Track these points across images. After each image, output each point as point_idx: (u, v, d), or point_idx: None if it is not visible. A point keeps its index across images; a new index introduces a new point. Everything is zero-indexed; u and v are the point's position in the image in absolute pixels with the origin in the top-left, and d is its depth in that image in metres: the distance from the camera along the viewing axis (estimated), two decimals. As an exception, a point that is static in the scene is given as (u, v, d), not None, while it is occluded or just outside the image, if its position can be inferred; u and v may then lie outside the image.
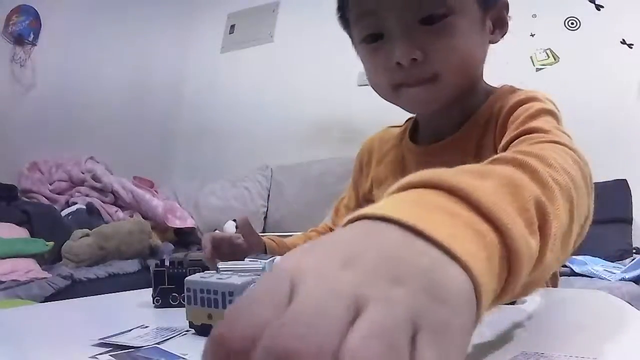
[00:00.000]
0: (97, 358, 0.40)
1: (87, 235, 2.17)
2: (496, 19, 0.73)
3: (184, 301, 0.48)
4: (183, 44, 3.59)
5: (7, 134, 2.56)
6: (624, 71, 2.38)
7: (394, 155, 0.85)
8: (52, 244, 2.08)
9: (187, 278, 0.48)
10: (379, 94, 0.74)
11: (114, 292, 0.81)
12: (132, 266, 2.16)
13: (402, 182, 0.30)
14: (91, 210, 2.50)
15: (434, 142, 0.77)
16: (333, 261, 0.21)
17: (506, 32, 0.74)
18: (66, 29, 2.85)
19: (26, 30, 2.68)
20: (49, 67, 2.77)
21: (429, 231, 0.23)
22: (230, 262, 0.59)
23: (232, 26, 3.55)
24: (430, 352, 0.19)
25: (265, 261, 0.57)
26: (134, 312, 0.62)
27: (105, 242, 2.17)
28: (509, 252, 0.27)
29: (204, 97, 3.50)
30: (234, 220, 0.86)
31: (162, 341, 0.44)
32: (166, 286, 0.62)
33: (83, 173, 2.67)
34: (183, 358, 0.39)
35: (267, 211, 2.94)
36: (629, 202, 2.18)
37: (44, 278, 1.79)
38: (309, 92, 3.08)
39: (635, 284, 1.63)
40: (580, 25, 2.53)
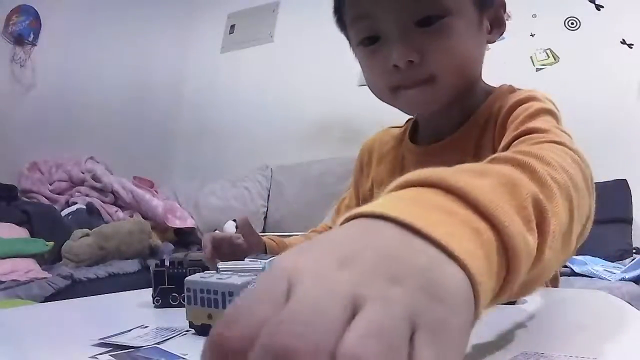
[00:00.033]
0: (97, 358, 0.40)
1: (87, 235, 2.17)
2: (493, 18, 0.72)
3: (184, 301, 0.48)
4: (183, 44, 3.59)
5: (7, 134, 2.56)
6: (624, 71, 2.38)
7: (393, 155, 0.85)
8: (52, 244, 2.08)
9: (187, 278, 0.48)
10: (377, 96, 0.74)
11: (114, 292, 0.81)
12: (132, 266, 2.16)
13: (399, 180, 0.30)
14: (91, 210, 2.50)
15: (433, 142, 0.77)
16: (330, 260, 0.21)
17: (504, 32, 0.74)
18: (66, 29, 2.85)
19: (26, 30, 2.68)
20: (49, 67, 2.77)
21: (427, 229, 0.23)
22: (230, 262, 0.59)
23: (232, 26, 3.55)
24: (428, 351, 0.18)
25: (265, 261, 0.57)
26: (134, 312, 0.62)
27: (105, 242, 2.17)
28: (506, 250, 0.27)
29: (204, 97, 3.50)
30: (234, 220, 0.86)
31: (162, 341, 0.44)
32: (166, 286, 0.62)
33: (83, 173, 2.67)
34: (183, 358, 0.39)
35: (267, 211, 2.94)
36: (629, 202, 2.18)
37: (44, 278, 1.79)
38: (309, 92, 3.08)
39: (635, 284, 1.63)
40: (580, 25, 2.53)
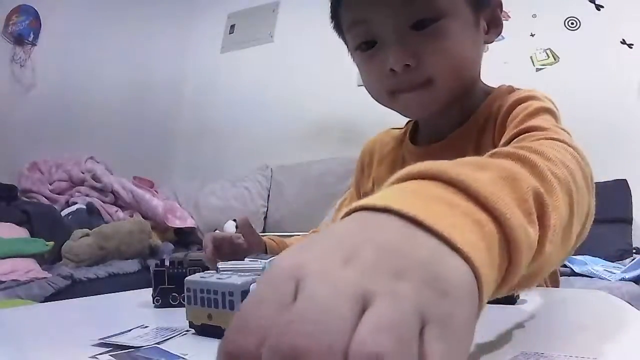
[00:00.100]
0: (97, 358, 0.39)
1: (87, 235, 2.17)
2: (490, 18, 0.72)
3: (184, 301, 0.48)
4: (183, 43, 3.59)
5: (7, 134, 2.56)
6: (624, 71, 2.38)
7: (394, 156, 0.85)
8: (52, 244, 2.08)
9: (187, 278, 0.48)
10: (375, 99, 0.75)
11: (114, 292, 0.81)
12: (132, 266, 2.16)
13: (400, 173, 0.30)
14: (91, 210, 2.50)
15: (433, 143, 0.77)
16: (334, 257, 0.21)
17: (501, 32, 0.74)
18: (66, 29, 2.85)
19: (26, 30, 2.68)
20: (49, 67, 2.77)
21: (429, 221, 0.23)
22: (230, 262, 0.59)
23: (232, 26, 3.55)
24: (438, 344, 0.19)
25: (265, 261, 0.57)
26: (134, 312, 0.62)
27: (105, 242, 2.17)
28: (508, 241, 0.27)
29: (204, 97, 3.50)
30: (234, 220, 0.86)
31: (162, 341, 0.44)
32: (166, 286, 0.62)
33: (83, 173, 2.67)
34: (183, 358, 0.39)
35: (267, 211, 2.94)
36: (629, 202, 2.18)
37: (44, 278, 1.79)
38: (309, 92, 3.08)
39: (635, 284, 1.63)
40: (580, 25, 2.53)
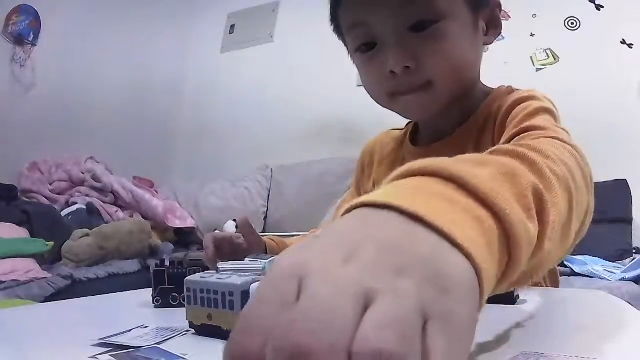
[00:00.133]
0: (97, 358, 0.39)
1: (87, 235, 2.17)
2: (489, 19, 0.72)
3: (184, 301, 0.48)
4: (183, 43, 3.59)
5: (7, 134, 2.56)
6: (624, 71, 2.38)
7: (394, 157, 0.85)
8: (52, 244, 2.08)
9: (187, 278, 0.48)
10: (376, 101, 0.75)
11: (114, 292, 0.81)
12: (132, 266, 2.16)
13: (400, 170, 0.30)
14: (91, 210, 2.50)
15: (433, 143, 0.77)
16: (335, 255, 0.21)
17: (500, 33, 0.74)
18: (66, 29, 2.85)
19: (26, 30, 2.68)
20: (49, 67, 2.77)
21: (430, 218, 0.23)
22: (230, 262, 0.59)
23: (232, 26, 3.55)
24: (440, 340, 0.19)
25: (265, 261, 0.57)
26: (134, 312, 0.62)
27: (105, 242, 2.17)
28: (507, 237, 0.28)
29: (204, 97, 3.50)
30: (234, 220, 0.86)
31: (162, 341, 0.44)
32: (166, 286, 0.62)
33: (83, 173, 2.67)
34: (183, 358, 0.39)
35: (267, 211, 2.94)
36: (629, 202, 2.18)
37: (44, 278, 1.79)
38: (309, 92, 3.08)
39: (635, 284, 1.63)
40: (580, 25, 2.53)
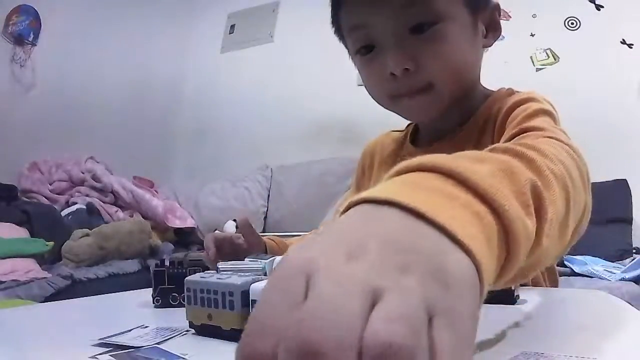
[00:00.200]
0: (97, 358, 0.39)
1: (87, 235, 2.17)
2: (489, 22, 0.73)
3: (184, 301, 0.48)
4: (183, 43, 3.59)
5: (7, 134, 2.56)
6: (624, 71, 2.38)
7: (394, 159, 0.85)
8: (52, 244, 2.08)
9: (187, 278, 0.48)
10: (377, 102, 0.75)
11: (114, 292, 0.81)
12: (132, 266, 2.16)
13: (400, 165, 0.30)
14: (91, 210, 2.50)
15: (434, 143, 0.77)
16: (340, 253, 0.21)
17: (499, 36, 0.74)
18: (66, 29, 2.85)
19: (26, 30, 2.68)
20: (49, 67, 2.77)
21: (431, 214, 0.23)
22: (230, 262, 0.59)
23: (232, 26, 3.55)
24: (447, 334, 0.19)
25: (265, 261, 0.57)
26: (134, 312, 0.62)
27: (105, 242, 2.17)
28: (506, 233, 0.28)
29: (204, 97, 3.50)
30: (234, 220, 0.86)
31: (162, 341, 0.44)
32: (166, 286, 0.62)
33: (83, 173, 2.67)
34: (183, 358, 0.39)
35: (267, 211, 2.94)
36: (629, 202, 2.18)
37: (44, 278, 1.79)
38: (309, 92, 3.08)
39: (635, 284, 1.63)
40: (580, 25, 2.53)
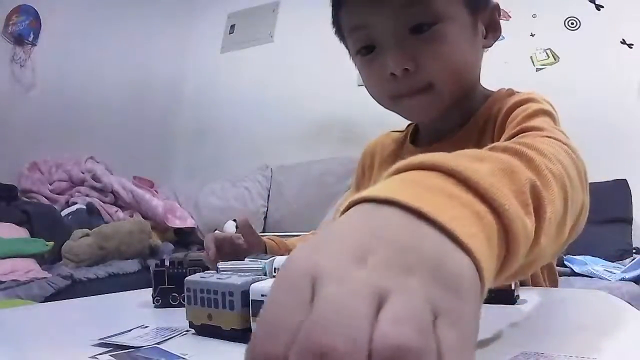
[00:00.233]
0: (97, 358, 0.39)
1: (87, 235, 2.17)
2: (489, 22, 0.73)
3: (184, 301, 0.48)
4: (183, 43, 3.59)
5: (7, 134, 2.56)
6: (624, 71, 2.38)
7: (395, 159, 0.85)
8: (52, 244, 2.08)
9: (187, 278, 0.48)
10: (378, 103, 0.75)
11: (114, 292, 0.81)
12: (132, 266, 2.16)
13: (400, 164, 0.30)
14: (91, 210, 2.50)
15: (434, 143, 0.77)
16: (346, 256, 0.21)
17: (499, 36, 0.74)
18: (66, 29, 2.85)
19: (26, 30, 2.68)
20: (49, 67, 2.77)
21: (433, 215, 0.24)
22: (230, 262, 0.59)
23: (232, 26, 3.55)
24: (452, 333, 0.19)
25: (265, 261, 0.57)
26: (134, 312, 0.62)
27: (105, 242, 2.17)
28: (506, 232, 0.28)
29: (204, 97, 3.50)
30: (234, 220, 0.86)
31: (162, 341, 0.44)
32: (166, 286, 0.62)
33: (83, 173, 2.67)
34: (183, 358, 0.39)
35: (267, 211, 2.94)
36: (629, 202, 2.18)
37: (44, 278, 1.79)
38: (309, 91, 3.08)
39: (635, 284, 1.63)
40: (580, 25, 2.53)
